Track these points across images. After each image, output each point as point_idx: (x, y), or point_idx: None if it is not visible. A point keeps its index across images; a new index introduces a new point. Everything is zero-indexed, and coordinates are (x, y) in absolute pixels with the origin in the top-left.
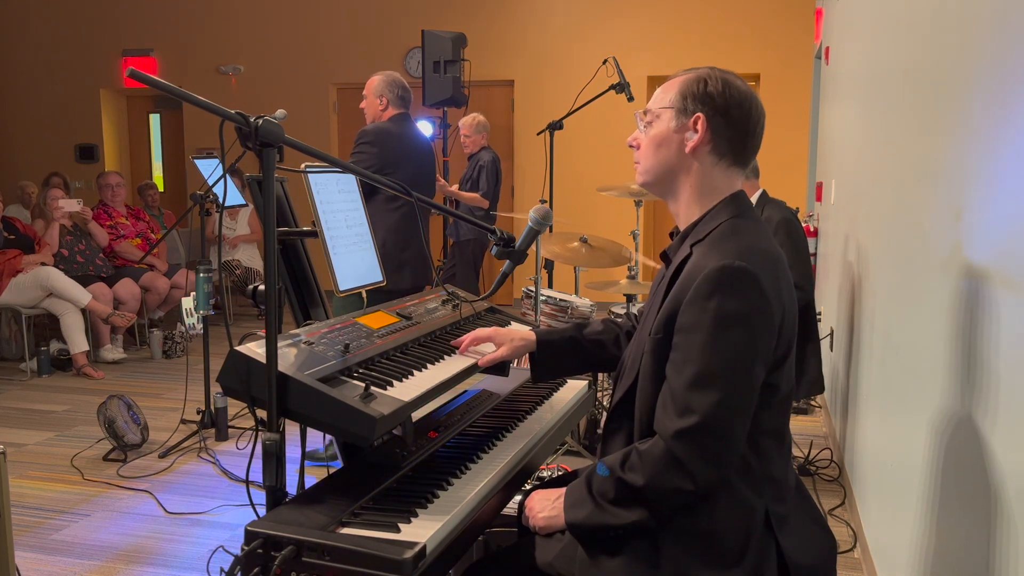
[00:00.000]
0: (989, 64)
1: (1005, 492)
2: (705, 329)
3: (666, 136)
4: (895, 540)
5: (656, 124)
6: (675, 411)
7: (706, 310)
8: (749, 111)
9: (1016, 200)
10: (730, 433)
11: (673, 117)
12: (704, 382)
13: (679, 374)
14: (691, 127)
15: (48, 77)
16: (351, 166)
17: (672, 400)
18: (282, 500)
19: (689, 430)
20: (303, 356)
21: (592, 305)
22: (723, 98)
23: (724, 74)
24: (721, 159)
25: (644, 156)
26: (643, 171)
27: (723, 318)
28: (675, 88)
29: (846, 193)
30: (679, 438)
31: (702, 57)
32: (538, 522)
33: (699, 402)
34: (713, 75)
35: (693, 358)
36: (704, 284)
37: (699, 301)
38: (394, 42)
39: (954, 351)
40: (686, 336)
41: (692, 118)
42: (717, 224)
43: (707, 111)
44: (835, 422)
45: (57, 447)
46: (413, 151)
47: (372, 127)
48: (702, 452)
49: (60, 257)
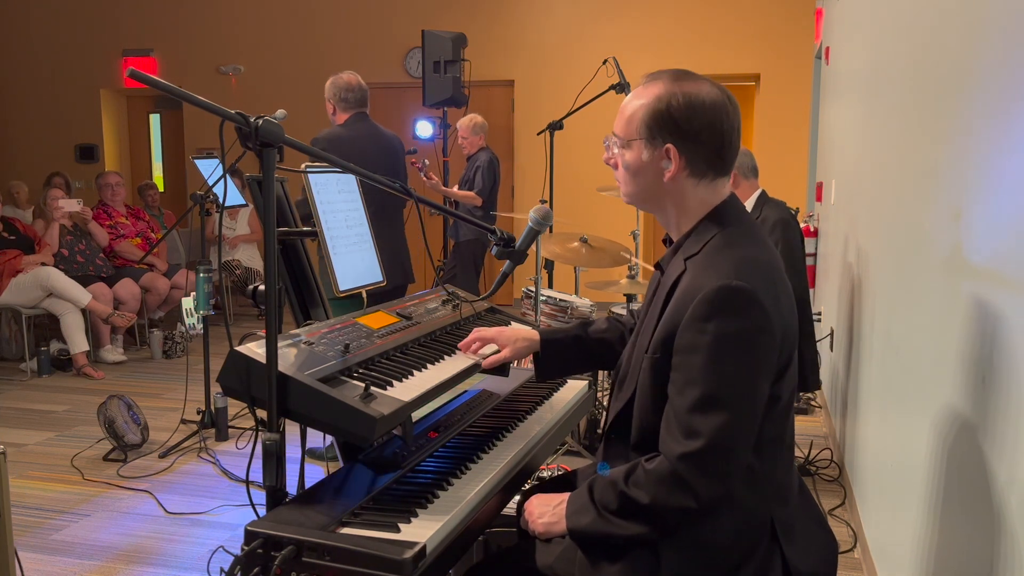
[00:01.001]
0: (989, 64)
1: (1005, 492)
2: (705, 351)
3: (641, 167)
4: (895, 540)
5: (628, 153)
6: (680, 433)
7: (705, 332)
8: (720, 124)
9: (1016, 200)
10: (735, 453)
11: (644, 148)
12: (708, 405)
13: (682, 396)
14: (664, 157)
15: (48, 77)
16: (351, 166)
17: (676, 422)
18: (282, 500)
19: (695, 453)
20: (303, 356)
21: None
22: (688, 123)
23: (685, 85)
24: (702, 179)
25: (624, 182)
26: (625, 194)
27: (723, 339)
28: (639, 115)
29: (846, 193)
30: (684, 460)
31: (702, 57)
32: (538, 527)
33: (704, 425)
34: (676, 94)
35: (695, 380)
36: (702, 306)
37: (697, 323)
38: (394, 42)
39: (954, 351)
40: (686, 357)
41: (663, 149)
42: (710, 237)
43: (676, 140)
44: (835, 422)
45: (57, 447)
46: (368, 151)
47: (322, 135)
48: (708, 474)
49: (60, 257)
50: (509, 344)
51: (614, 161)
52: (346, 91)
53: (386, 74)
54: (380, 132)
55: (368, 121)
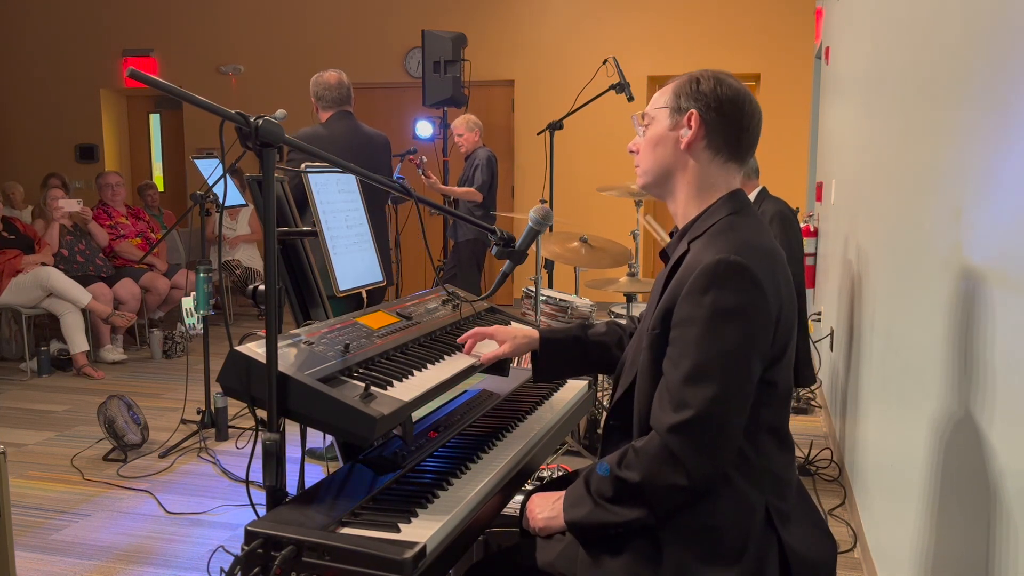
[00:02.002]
0: (989, 63)
1: (1005, 491)
2: (701, 323)
3: (662, 135)
4: (895, 540)
5: (652, 125)
6: (671, 405)
7: (702, 304)
8: (742, 107)
9: (1016, 200)
10: (725, 427)
11: (668, 116)
12: (699, 376)
13: (675, 368)
14: (685, 124)
15: (48, 77)
16: (351, 166)
17: (668, 394)
18: (282, 500)
19: (684, 424)
20: (303, 356)
21: (592, 305)
22: (715, 94)
23: (717, 73)
24: (717, 154)
25: (643, 158)
26: (642, 172)
27: (719, 312)
28: (669, 89)
29: (846, 193)
30: (674, 432)
31: (702, 57)
32: (538, 523)
33: (694, 396)
34: (706, 74)
35: (689, 352)
36: (700, 278)
37: (695, 295)
38: (394, 42)
39: (954, 351)
40: (682, 330)
41: (686, 115)
42: (715, 221)
43: (699, 107)
44: (835, 422)
45: (57, 447)
46: (350, 149)
47: (300, 133)
48: (697, 446)
49: (60, 257)
50: (508, 340)
51: (637, 147)
52: (324, 89)
53: (386, 74)
54: (361, 131)
55: (350, 120)
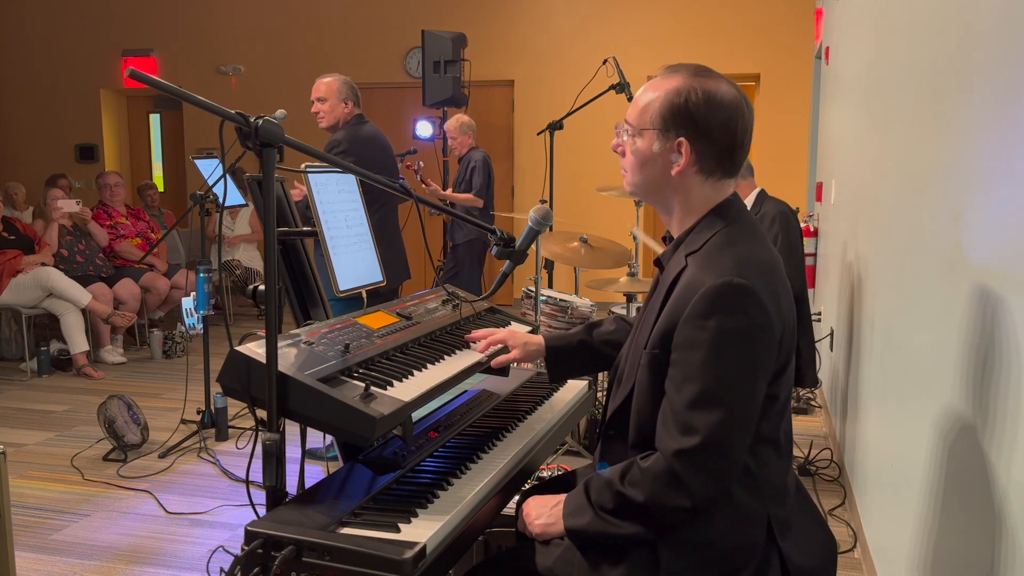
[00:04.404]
0: (989, 63)
1: (1005, 491)
2: (705, 347)
3: (649, 157)
4: (895, 540)
5: (638, 141)
6: (676, 430)
7: (705, 328)
8: (734, 126)
9: (1016, 200)
10: (732, 451)
11: (655, 139)
12: (706, 401)
13: (679, 392)
14: (675, 150)
15: (48, 77)
16: (351, 166)
17: (673, 418)
18: (282, 500)
19: (691, 450)
20: (303, 356)
21: (592, 305)
22: (705, 119)
23: (705, 81)
24: (709, 176)
25: (630, 171)
26: (630, 184)
27: (723, 336)
28: (655, 106)
29: (846, 193)
30: (680, 457)
31: (702, 57)
32: (535, 528)
33: (701, 422)
34: (694, 88)
35: (693, 376)
36: (702, 303)
37: (697, 319)
38: (394, 42)
39: (954, 351)
40: (685, 354)
41: (675, 142)
42: (711, 234)
43: (689, 135)
44: (835, 422)
45: (57, 447)
46: (378, 150)
47: (343, 134)
48: (704, 471)
49: (60, 257)
50: (520, 346)
51: (622, 149)
52: (351, 90)
53: (386, 74)
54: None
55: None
